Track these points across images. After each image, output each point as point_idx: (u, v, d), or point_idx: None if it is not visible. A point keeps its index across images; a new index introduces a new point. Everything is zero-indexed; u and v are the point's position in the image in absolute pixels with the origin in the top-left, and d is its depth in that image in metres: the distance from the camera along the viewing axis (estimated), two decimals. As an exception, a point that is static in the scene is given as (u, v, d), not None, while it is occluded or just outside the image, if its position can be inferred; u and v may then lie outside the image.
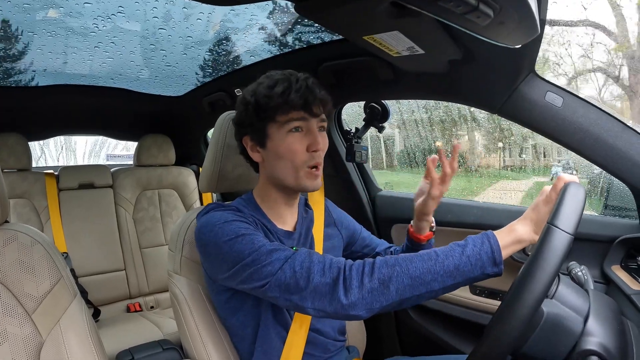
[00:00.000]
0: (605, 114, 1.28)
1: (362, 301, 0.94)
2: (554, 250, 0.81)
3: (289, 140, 1.16)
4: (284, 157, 1.17)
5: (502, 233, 0.97)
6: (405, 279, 0.93)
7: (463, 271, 0.93)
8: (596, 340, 0.85)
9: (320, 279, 0.97)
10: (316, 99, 1.15)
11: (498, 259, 0.93)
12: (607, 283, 1.38)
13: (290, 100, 1.13)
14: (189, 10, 1.57)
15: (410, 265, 0.95)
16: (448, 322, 1.81)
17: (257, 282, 1.03)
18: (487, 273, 0.94)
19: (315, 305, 0.98)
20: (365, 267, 0.97)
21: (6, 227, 1.13)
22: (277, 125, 1.17)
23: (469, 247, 0.95)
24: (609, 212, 1.61)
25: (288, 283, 0.99)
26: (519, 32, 0.97)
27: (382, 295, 0.94)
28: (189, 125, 3.09)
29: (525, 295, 0.81)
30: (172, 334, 2.24)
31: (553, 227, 0.83)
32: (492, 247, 0.94)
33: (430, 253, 0.97)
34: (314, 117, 1.18)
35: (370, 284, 0.94)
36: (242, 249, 1.05)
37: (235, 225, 1.11)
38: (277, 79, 1.18)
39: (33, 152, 2.71)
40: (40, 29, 1.66)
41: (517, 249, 0.98)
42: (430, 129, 3.69)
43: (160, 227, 2.96)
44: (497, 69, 1.32)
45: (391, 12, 0.98)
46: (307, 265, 0.99)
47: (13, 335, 1.05)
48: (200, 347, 1.25)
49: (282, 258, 1.02)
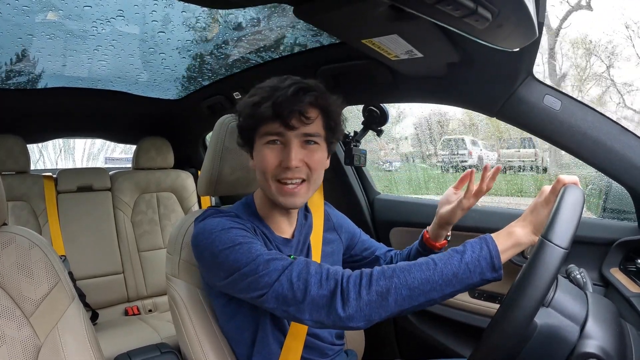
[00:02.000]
0: (603, 117, 1.29)
1: (360, 313, 0.94)
2: (546, 266, 0.81)
3: (263, 152, 1.15)
4: (258, 168, 1.17)
5: (501, 237, 0.97)
6: (403, 291, 0.93)
7: (462, 278, 0.93)
8: (595, 343, 0.85)
9: (317, 291, 0.96)
10: (294, 111, 1.09)
11: (497, 265, 0.93)
12: (605, 286, 1.38)
13: (258, 113, 1.11)
14: (187, 13, 1.57)
15: (409, 276, 0.94)
16: (447, 326, 1.81)
17: (254, 292, 1.02)
18: (486, 279, 0.93)
19: (313, 317, 0.97)
20: (363, 279, 0.96)
21: (4, 229, 1.13)
22: (258, 137, 1.16)
23: (467, 254, 0.94)
24: (607, 215, 1.61)
25: (285, 295, 0.98)
26: (517, 36, 0.97)
27: (381, 307, 0.94)
28: (187, 128, 3.09)
29: (515, 312, 0.81)
30: (170, 337, 2.23)
31: (547, 241, 0.82)
32: (490, 253, 0.93)
33: (428, 262, 0.96)
34: (291, 130, 1.12)
35: (368, 296, 0.94)
36: (239, 258, 1.04)
37: (233, 234, 1.09)
38: (260, 88, 1.15)
39: (31, 155, 2.70)
40: (40, 31, 1.66)
41: (516, 252, 0.97)
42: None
43: (158, 230, 2.95)
44: (495, 72, 1.32)
45: (390, 15, 0.98)
46: (305, 277, 0.98)
47: (11, 338, 1.05)
48: (199, 350, 1.25)
49: (279, 268, 1.01)
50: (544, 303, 0.90)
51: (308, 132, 1.14)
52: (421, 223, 1.85)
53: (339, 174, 2.04)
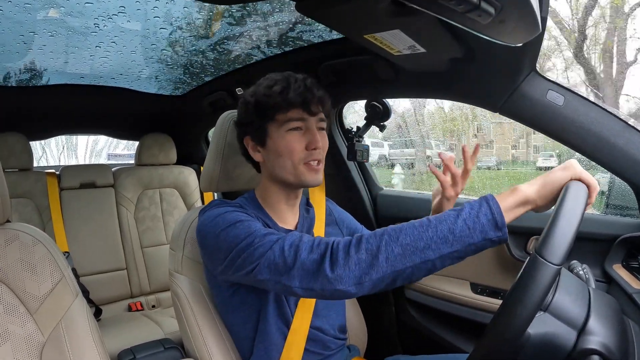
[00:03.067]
0: (606, 113, 1.28)
1: (349, 274, 0.90)
2: (537, 284, 0.78)
3: (288, 138, 1.18)
4: (283, 155, 1.18)
5: (504, 194, 0.91)
6: (395, 247, 0.88)
7: (460, 236, 0.86)
8: (597, 340, 0.84)
9: (307, 256, 0.96)
10: (314, 97, 1.17)
11: (500, 222, 0.86)
12: (608, 282, 1.38)
13: (288, 99, 1.15)
14: (189, 9, 1.57)
15: (400, 233, 0.90)
16: (449, 321, 1.81)
17: (249, 265, 1.03)
18: (489, 238, 0.86)
19: (302, 284, 0.96)
20: (353, 240, 0.94)
21: (8, 226, 1.14)
22: (277, 124, 1.18)
23: (465, 211, 0.88)
24: (610, 211, 1.61)
25: (277, 263, 0.98)
26: (520, 31, 0.96)
27: (371, 267, 0.89)
28: (190, 124, 3.10)
29: (504, 330, 0.80)
30: (174, 333, 2.24)
31: (540, 258, 0.79)
32: (491, 209, 0.87)
33: (422, 220, 0.91)
34: (313, 115, 1.19)
35: (357, 255, 0.90)
36: (238, 233, 1.07)
37: (235, 214, 1.13)
38: (276, 79, 1.19)
39: (34, 152, 2.71)
40: (41, 28, 1.66)
41: (522, 211, 0.91)
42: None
43: (161, 227, 2.96)
44: (498, 68, 1.32)
45: (392, 10, 0.98)
46: (297, 244, 0.99)
47: (15, 334, 1.06)
48: (202, 345, 1.25)
49: (273, 240, 1.02)
50: (542, 307, 0.87)
51: (322, 117, 1.22)
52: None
53: (342, 170, 2.04)
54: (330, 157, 1.25)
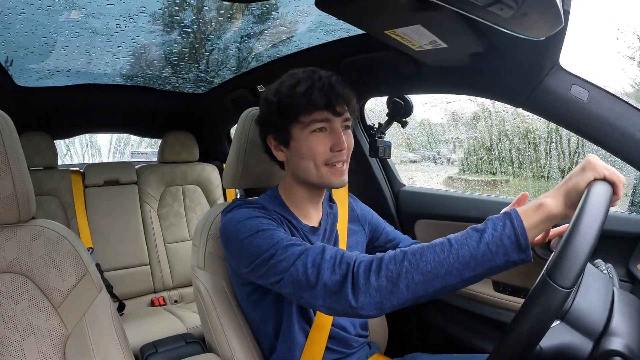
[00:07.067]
0: (632, 108, 1.25)
1: (370, 301, 0.90)
2: (546, 308, 0.74)
3: (312, 140, 1.15)
4: (306, 157, 1.17)
5: (529, 210, 0.86)
6: (415, 275, 0.87)
7: (482, 261, 0.84)
8: (621, 341, 0.82)
9: (330, 277, 0.95)
10: (339, 97, 1.14)
11: (524, 244, 0.83)
12: (632, 282, 1.35)
13: (312, 100, 1.12)
14: (209, 7, 1.58)
15: (421, 259, 0.88)
16: (470, 320, 1.80)
17: (273, 277, 1.03)
18: (512, 260, 0.83)
19: (325, 304, 0.95)
20: (373, 263, 0.92)
21: (33, 223, 1.15)
22: (301, 126, 1.16)
23: (487, 233, 0.85)
24: (635, 209, 1.58)
25: (300, 280, 0.98)
26: (543, 24, 0.95)
27: (392, 294, 0.89)
28: (211, 122, 3.12)
29: (511, 352, 0.77)
30: (196, 327, 2.26)
31: (550, 282, 0.74)
32: (515, 230, 0.83)
33: (443, 243, 0.88)
34: (338, 116, 1.16)
35: (377, 282, 0.89)
36: (261, 244, 1.06)
37: (258, 222, 1.11)
38: (299, 78, 1.16)
39: (59, 151, 2.77)
40: (64, 30, 1.68)
41: (547, 227, 0.87)
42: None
43: (184, 223, 2.99)
44: (520, 62, 1.30)
45: (413, 5, 0.97)
46: (318, 262, 0.97)
47: (39, 328, 1.08)
48: (223, 341, 1.27)
49: (296, 253, 1.01)
50: (559, 315, 0.83)
51: (347, 117, 1.19)
52: (446, 215, 1.83)
53: (364, 166, 2.04)
54: (353, 154, 1.25)
